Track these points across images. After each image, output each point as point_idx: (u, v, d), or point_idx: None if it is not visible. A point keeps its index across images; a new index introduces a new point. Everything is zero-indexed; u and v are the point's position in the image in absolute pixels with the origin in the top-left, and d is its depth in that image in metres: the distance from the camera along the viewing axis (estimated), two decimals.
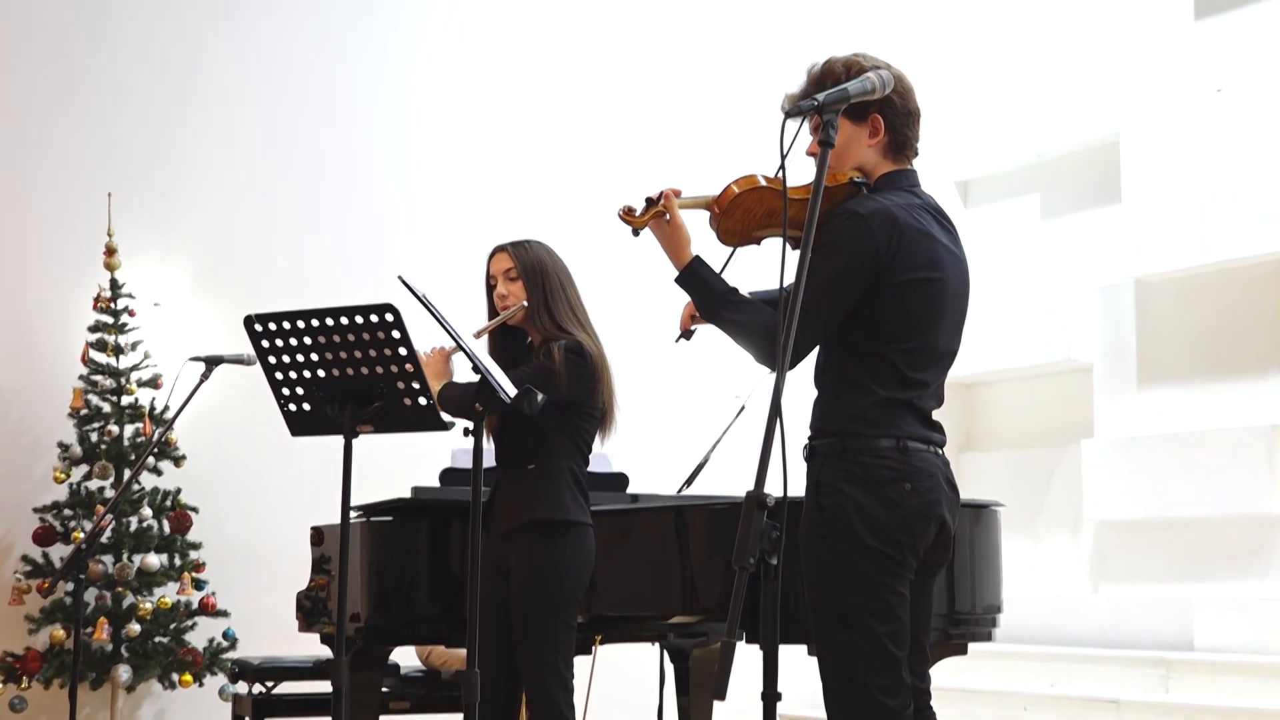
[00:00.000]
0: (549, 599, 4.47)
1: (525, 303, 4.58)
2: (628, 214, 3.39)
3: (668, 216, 3.35)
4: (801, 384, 3.40)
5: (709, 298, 3.33)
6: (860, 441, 3.24)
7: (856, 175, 3.39)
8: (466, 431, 4.15)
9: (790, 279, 2.94)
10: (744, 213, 3.34)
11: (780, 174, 3.19)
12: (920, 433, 3.28)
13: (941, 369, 3.38)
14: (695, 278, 3.34)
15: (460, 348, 4.19)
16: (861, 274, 3.22)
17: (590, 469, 5.79)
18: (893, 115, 3.37)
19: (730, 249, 3.45)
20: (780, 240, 3.42)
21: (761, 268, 3.69)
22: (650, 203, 3.37)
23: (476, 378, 4.12)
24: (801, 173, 3.27)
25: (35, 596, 7.24)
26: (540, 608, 4.46)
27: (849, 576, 3.19)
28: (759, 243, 3.45)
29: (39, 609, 7.24)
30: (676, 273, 3.37)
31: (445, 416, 4.26)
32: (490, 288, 4.72)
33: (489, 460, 4.80)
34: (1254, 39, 7.98)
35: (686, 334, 3.71)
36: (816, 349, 3.35)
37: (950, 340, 3.38)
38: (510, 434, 4.65)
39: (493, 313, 4.73)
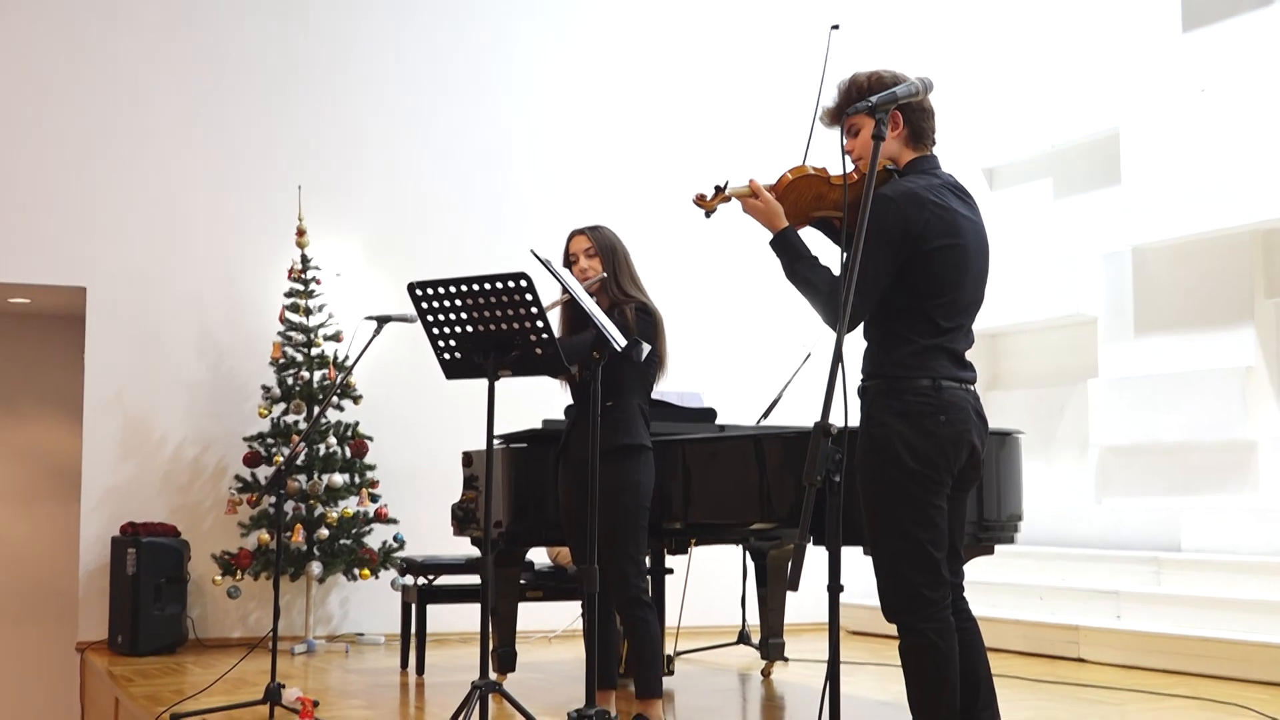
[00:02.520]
0: (630, 506, 4.49)
1: (604, 274, 4.58)
2: (700, 200, 3.36)
3: (756, 198, 3.32)
4: (855, 335, 3.38)
5: (795, 258, 3.29)
6: (903, 382, 3.20)
7: (888, 163, 3.35)
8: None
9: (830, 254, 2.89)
10: (797, 196, 3.33)
11: (842, 166, 3.18)
12: (953, 373, 3.24)
13: (970, 315, 3.33)
14: (786, 242, 3.31)
15: (583, 306, 4.19)
16: (897, 246, 3.17)
17: (685, 404, 5.79)
18: (910, 112, 3.32)
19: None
20: (825, 218, 3.42)
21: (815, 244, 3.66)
22: (718, 189, 3.33)
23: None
24: (833, 162, 3.31)
25: (245, 508, 7.40)
26: (624, 513, 4.47)
27: (896, 493, 3.16)
28: (810, 220, 3.43)
29: (248, 517, 7.39)
30: (771, 237, 3.34)
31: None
32: (570, 263, 4.67)
33: (570, 399, 4.82)
34: (1233, 47, 7.81)
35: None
36: None
37: (975, 291, 3.33)
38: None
39: None
